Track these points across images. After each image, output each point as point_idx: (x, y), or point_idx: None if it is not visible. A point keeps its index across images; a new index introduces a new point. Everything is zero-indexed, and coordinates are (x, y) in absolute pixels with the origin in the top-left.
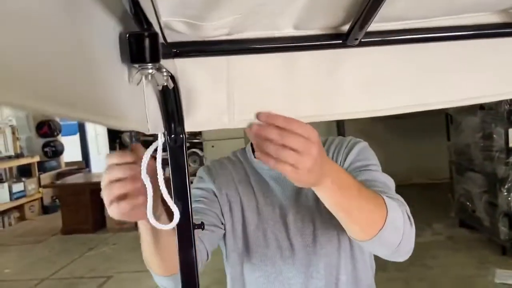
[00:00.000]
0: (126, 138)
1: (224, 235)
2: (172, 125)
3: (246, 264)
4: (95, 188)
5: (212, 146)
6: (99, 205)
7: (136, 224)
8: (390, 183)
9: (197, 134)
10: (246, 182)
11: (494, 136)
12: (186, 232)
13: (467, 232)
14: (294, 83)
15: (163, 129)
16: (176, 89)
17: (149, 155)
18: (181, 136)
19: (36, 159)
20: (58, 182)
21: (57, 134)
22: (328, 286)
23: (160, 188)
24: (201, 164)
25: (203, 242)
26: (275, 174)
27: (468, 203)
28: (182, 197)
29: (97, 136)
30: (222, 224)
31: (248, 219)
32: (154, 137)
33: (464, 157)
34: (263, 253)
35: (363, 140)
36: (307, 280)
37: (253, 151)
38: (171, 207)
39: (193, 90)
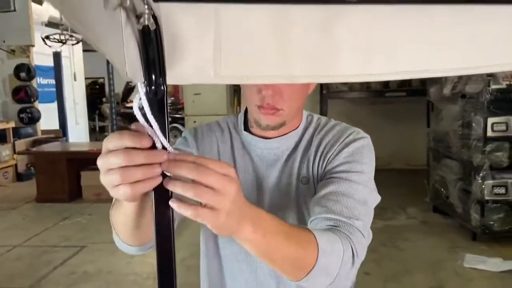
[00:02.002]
0: (106, 109)
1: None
2: (153, 75)
3: (217, 238)
4: (72, 158)
5: (194, 122)
6: (75, 175)
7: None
8: (371, 200)
9: (179, 109)
10: (228, 155)
11: (473, 124)
12: (162, 193)
13: (440, 218)
14: (286, 39)
15: (142, 78)
16: (158, 33)
17: (137, 105)
18: (162, 88)
19: (11, 125)
20: (34, 149)
21: (34, 101)
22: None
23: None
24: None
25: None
26: (264, 154)
27: (442, 190)
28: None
29: (75, 105)
30: None
31: None
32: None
33: (442, 144)
34: None
35: (365, 135)
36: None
37: (245, 122)
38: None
39: (177, 37)
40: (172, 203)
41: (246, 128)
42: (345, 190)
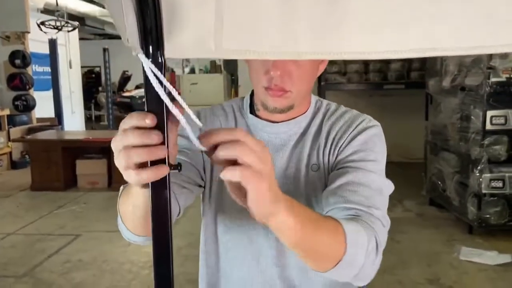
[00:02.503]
0: (102, 98)
1: (203, 191)
2: (150, 47)
3: (219, 224)
4: (68, 146)
5: None
6: (71, 164)
7: (108, 185)
8: (386, 188)
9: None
10: None
11: (472, 117)
12: (159, 180)
13: (436, 211)
14: (293, 12)
15: (141, 50)
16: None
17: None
18: (160, 60)
19: (6, 112)
20: (29, 137)
21: (29, 88)
22: (301, 264)
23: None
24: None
25: (177, 199)
26: (271, 138)
27: (439, 183)
28: (158, 129)
29: (71, 93)
30: (202, 180)
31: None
32: (131, 99)
33: (440, 137)
34: (237, 217)
35: (376, 123)
36: (279, 254)
37: (251, 105)
38: (194, 143)
39: (176, 5)
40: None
41: (252, 111)
42: (362, 179)
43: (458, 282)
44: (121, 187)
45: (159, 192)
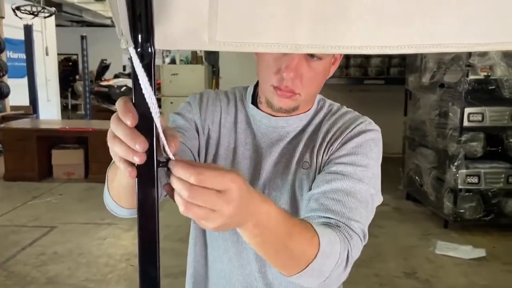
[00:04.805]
0: (79, 87)
1: None
2: (139, 36)
3: None
4: (43, 135)
5: (171, 103)
6: (46, 153)
7: (85, 175)
8: (373, 200)
9: (156, 89)
10: (231, 127)
11: (450, 114)
12: (148, 167)
13: (413, 205)
14: (290, 3)
15: (132, 44)
16: None
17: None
18: (150, 51)
19: None
20: (3, 125)
21: (3, 75)
22: None
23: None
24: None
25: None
26: (268, 131)
27: (416, 177)
28: (146, 125)
29: (47, 81)
30: None
31: None
32: (109, 89)
33: (418, 132)
34: None
35: (375, 127)
36: None
37: (254, 98)
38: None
39: None
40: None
41: (254, 102)
42: (349, 188)
43: (434, 275)
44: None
45: (147, 190)
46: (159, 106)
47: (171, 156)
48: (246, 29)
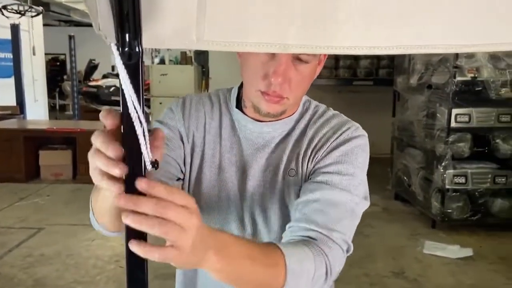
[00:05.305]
0: (67, 87)
1: (182, 185)
2: (127, 35)
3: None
4: (30, 136)
5: (160, 103)
6: (34, 154)
7: (73, 176)
8: (358, 208)
9: (145, 89)
10: (215, 132)
11: (438, 115)
12: (136, 176)
13: (401, 205)
14: (280, 2)
15: (114, 39)
16: None
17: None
18: (138, 50)
19: None
20: None
21: None
22: None
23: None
24: (147, 121)
25: None
26: (253, 136)
27: (405, 178)
28: (132, 131)
29: (34, 81)
30: (182, 172)
31: (205, 175)
32: (98, 89)
33: (406, 133)
34: (214, 209)
35: (362, 132)
36: None
37: (238, 100)
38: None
39: None
40: (135, 247)
41: (238, 105)
42: (333, 198)
43: (422, 275)
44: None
45: (134, 190)
46: (148, 107)
47: (148, 165)
48: (235, 29)
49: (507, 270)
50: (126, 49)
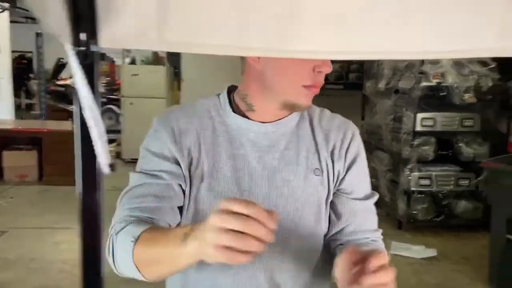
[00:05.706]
0: (33, 86)
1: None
2: (82, 34)
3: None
4: None
5: (131, 103)
6: None
7: (39, 178)
8: (374, 201)
9: (115, 90)
10: (212, 142)
11: (404, 119)
12: (91, 171)
13: None
14: (244, 3)
15: (69, 39)
16: None
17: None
18: (94, 50)
19: None
20: None
21: None
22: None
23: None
24: (117, 122)
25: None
26: (259, 139)
27: (373, 180)
28: (88, 147)
29: None
30: (181, 203)
31: (212, 184)
32: (66, 88)
33: (375, 136)
34: None
35: (355, 126)
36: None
37: (230, 103)
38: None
39: None
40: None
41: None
42: (368, 215)
43: None
44: (139, 234)
45: (90, 193)
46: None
47: (103, 167)
48: (197, 29)
49: (470, 270)
50: (83, 48)
